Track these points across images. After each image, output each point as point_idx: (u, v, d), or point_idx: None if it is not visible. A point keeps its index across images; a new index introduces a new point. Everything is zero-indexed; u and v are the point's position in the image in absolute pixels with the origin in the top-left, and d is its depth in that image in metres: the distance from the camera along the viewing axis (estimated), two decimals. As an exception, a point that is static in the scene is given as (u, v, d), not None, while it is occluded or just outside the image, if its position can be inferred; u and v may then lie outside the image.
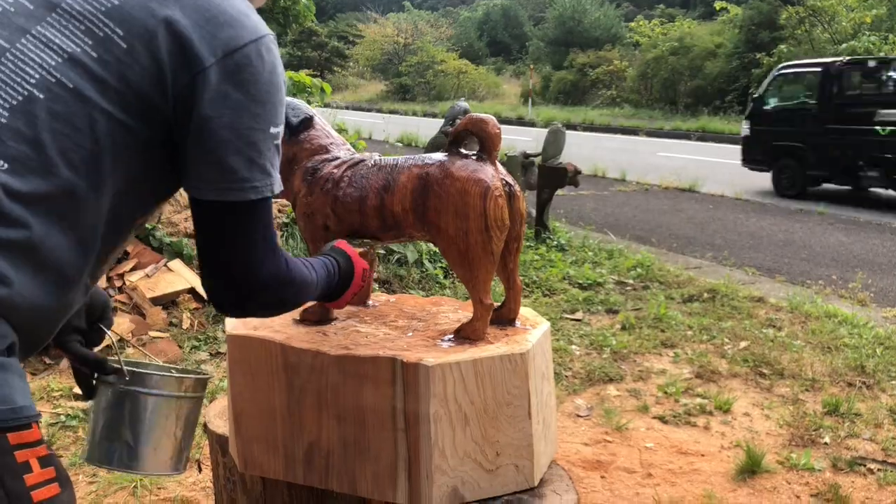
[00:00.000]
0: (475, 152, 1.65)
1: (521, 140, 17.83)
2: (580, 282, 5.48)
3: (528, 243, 6.23)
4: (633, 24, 29.61)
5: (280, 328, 1.74)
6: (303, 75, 6.05)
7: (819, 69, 10.47)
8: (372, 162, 1.72)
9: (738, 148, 11.62)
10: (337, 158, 1.75)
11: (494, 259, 1.62)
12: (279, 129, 1.15)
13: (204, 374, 1.51)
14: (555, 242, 6.47)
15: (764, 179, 10.80)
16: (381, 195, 1.65)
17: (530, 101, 26.11)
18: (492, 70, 37.96)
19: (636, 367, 3.92)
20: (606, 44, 31.23)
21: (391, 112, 29.94)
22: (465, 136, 1.67)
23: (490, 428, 1.59)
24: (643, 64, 25.60)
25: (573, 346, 4.14)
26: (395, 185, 1.65)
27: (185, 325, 4.14)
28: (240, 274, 1.17)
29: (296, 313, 1.81)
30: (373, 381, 1.56)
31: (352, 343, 1.65)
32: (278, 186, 1.16)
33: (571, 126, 21.87)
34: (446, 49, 37.36)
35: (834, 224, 8.43)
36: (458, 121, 7.78)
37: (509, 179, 1.66)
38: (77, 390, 3.51)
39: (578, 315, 4.79)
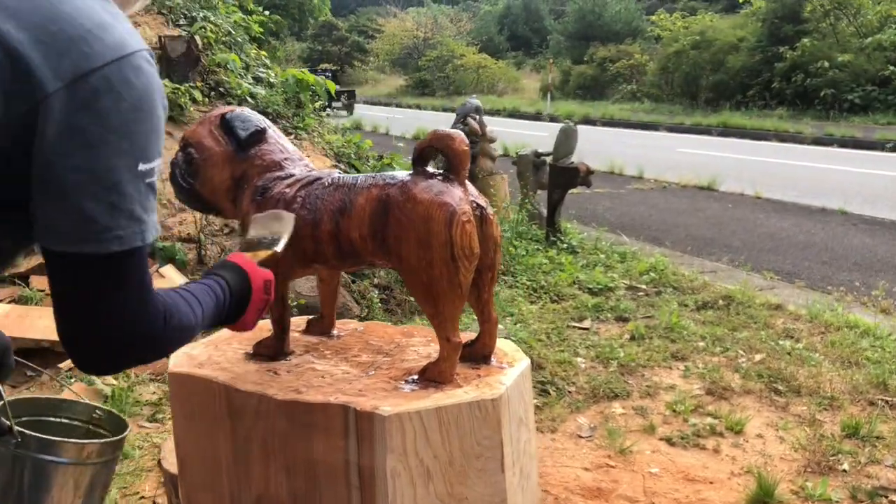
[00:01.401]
0: (441, 171, 1.47)
1: (538, 136, 17.62)
2: (590, 287, 5.28)
3: (536, 246, 6.03)
4: (654, 17, 29.21)
5: (228, 364, 1.57)
6: (306, 73, 5.88)
7: None
8: (329, 180, 1.54)
9: (759, 144, 11.32)
10: (291, 176, 1.58)
11: (462, 292, 1.44)
12: (153, 165, 0.97)
13: (112, 436, 1.35)
14: (565, 245, 6.26)
15: (784, 178, 10.50)
16: (337, 219, 1.48)
17: (549, 95, 25.81)
18: (511, 64, 37.66)
19: (644, 381, 3.72)
20: (627, 38, 30.88)
21: (410, 107, 29.81)
22: (430, 154, 1.49)
23: (457, 484, 1.41)
24: (664, 58, 25.21)
25: (579, 359, 3.95)
26: (353, 208, 1.47)
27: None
28: (105, 338, 0.99)
29: (249, 346, 1.64)
30: (323, 431, 1.39)
31: (304, 384, 1.47)
32: (153, 232, 0.98)
33: (591, 121, 21.61)
34: (466, 43, 37.12)
35: (857, 225, 8.15)
36: (469, 119, 7.61)
37: (481, 201, 1.48)
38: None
39: (586, 323, 4.59)
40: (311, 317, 1.78)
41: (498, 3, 49.14)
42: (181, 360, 1.59)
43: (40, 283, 3.95)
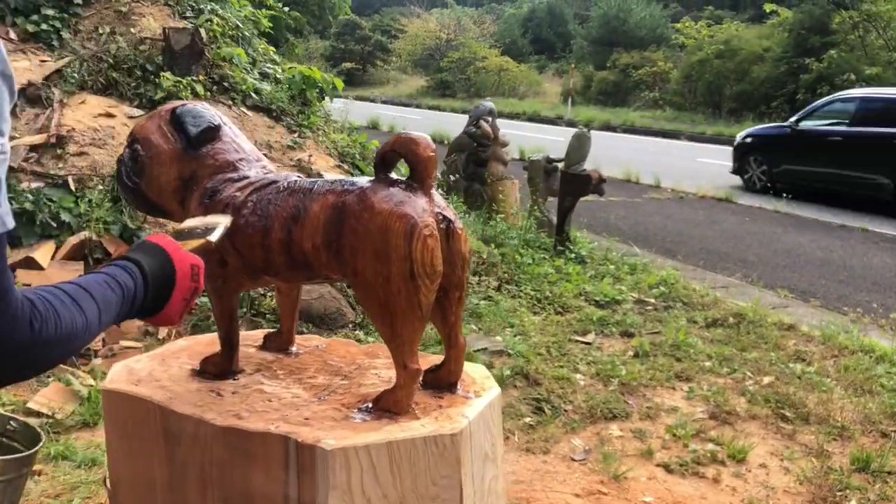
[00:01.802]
0: (405, 179, 1.33)
1: (557, 141, 17.43)
2: (597, 299, 5.12)
3: (543, 255, 5.87)
4: (679, 24, 28.89)
5: (169, 382, 1.43)
6: (315, 70, 5.76)
7: None
8: (284, 184, 1.40)
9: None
10: (244, 178, 1.44)
11: (423, 314, 1.29)
12: None
13: (26, 449, 1.21)
14: (574, 254, 6.10)
15: (805, 193, 10.25)
16: (289, 227, 1.34)
17: (570, 100, 25.60)
18: (534, 68, 37.43)
19: (645, 402, 3.56)
20: (651, 44, 30.56)
21: (430, 108, 29.70)
22: (392, 159, 1.34)
23: (408, 527, 1.27)
24: (688, 66, 24.92)
25: (578, 375, 3.79)
26: (307, 216, 1.33)
27: (162, 334, 3.87)
28: None
29: (196, 361, 1.50)
30: (263, 462, 1.25)
31: (247, 409, 1.33)
32: (4, 221, 0.84)
33: (611, 127, 21.41)
34: (489, 46, 36.93)
35: (878, 243, 7.92)
36: (481, 121, 7.47)
37: (448, 213, 1.34)
38: (33, 405, 3.27)
39: (590, 338, 4.43)
40: (269, 331, 1.65)
41: (522, 6, 48.94)
42: (119, 373, 1.46)
43: (26, 276, 3.84)
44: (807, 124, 11.06)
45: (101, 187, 4.29)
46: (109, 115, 4.78)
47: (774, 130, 12.26)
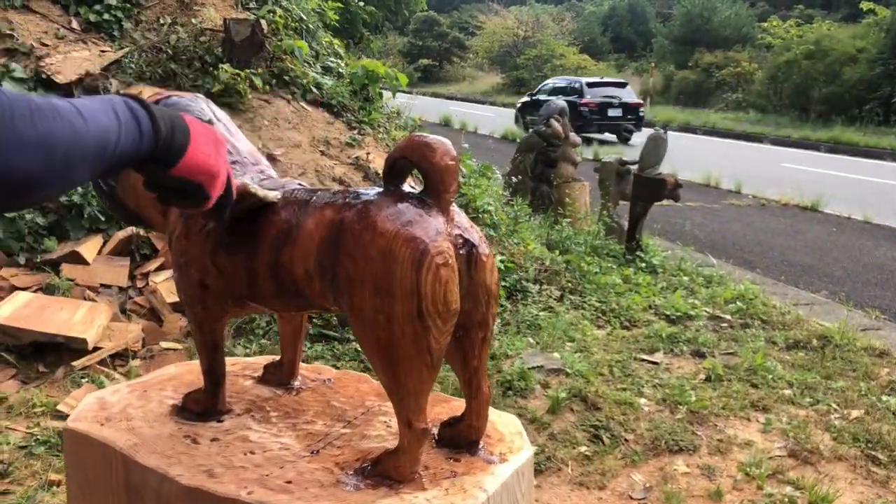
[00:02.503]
0: (419, 192, 1.08)
1: (634, 141, 16.96)
2: (667, 313, 4.77)
3: (611, 263, 5.54)
4: (766, 24, 27.86)
5: (141, 423, 1.22)
6: (378, 64, 5.56)
7: None
8: (280, 193, 1.17)
9: (873, 163, 10.44)
10: (236, 185, 1.21)
11: (432, 361, 1.04)
12: None
13: None
14: (645, 263, 5.75)
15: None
16: (278, 246, 1.11)
17: (649, 100, 24.93)
18: (612, 66, 36.71)
19: (716, 434, 3.22)
20: (735, 44, 29.57)
21: (504, 105, 29.37)
22: (404, 167, 1.09)
23: None
24: (774, 67, 23.95)
25: (642, 400, 3.47)
26: (299, 234, 1.09)
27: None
28: None
29: (179, 394, 1.29)
30: (231, 535, 1.02)
31: (222, 463, 1.11)
32: None
33: (690, 129, 20.73)
34: (567, 43, 36.38)
35: (982, 260, 7.30)
36: (552, 120, 7.16)
37: (470, 235, 1.08)
38: (63, 407, 3.15)
39: (657, 356, 4.10)
40: (271, 360, 1.42)
41: (603, 3, 48.14)
42: (88, 408, 1.26)
43: (70, 271, 3.75)
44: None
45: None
46: (166, 108, 4.66)
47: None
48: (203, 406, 1.24)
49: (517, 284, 4.66)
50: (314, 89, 5.24)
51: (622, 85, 19.27)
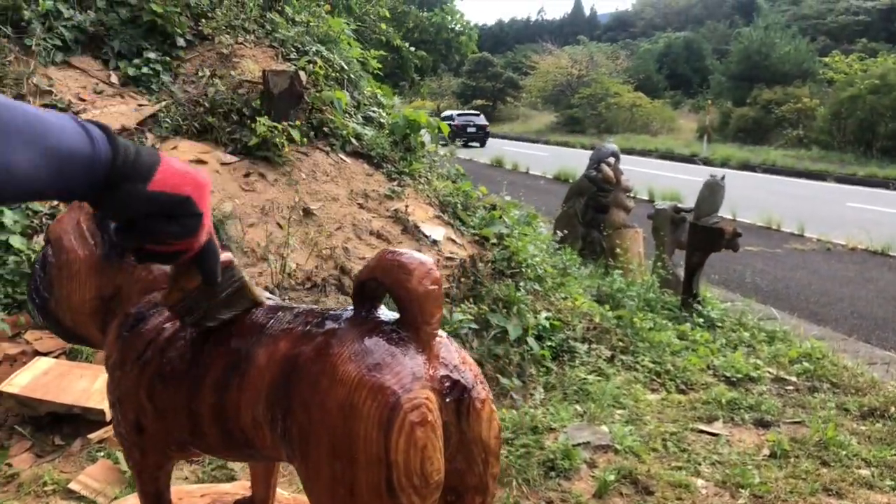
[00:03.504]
0: (394, 321, 0.85)
1: (691, 182, 16.59)
2: (727, 374, 4.44)
3: (664, 320, 5.22)
4: (827, 58, 27.21)
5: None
6: (421, 114, 5.41)
7: None
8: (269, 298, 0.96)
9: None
10: (185, 300, 1.00)
11: (409, 546, 0.80)
12: None
13: None
14: (703, 318, 5.42)
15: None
16: (224, 386, 0.89)
17: (706, 138, 24.45)
18: (668, 104, 36.33)
19: (783, 524, 2.89)
20: (795, 79, 28.90)
21: (558, 144, 29.18)
22: (376, 290, 0.87)
23: None
24: (837, 102, 23.27)
25: (699, 481, 3.16)
26: (248, 370, 0.88)
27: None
28: None
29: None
30: None
31: None
32: None
33: (750, 167, 20.20)
34: (622, 81, 36.15)
35: None
36: (602, 164, 6.91)
37: (461, 376, 0.85)
38: (75, 485, 2.98)
39: (717, 426, 3.77)
40: (241, 494, 1.20)
41: (658, 41, 47.84)
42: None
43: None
44: None
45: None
46: (201, 161, 4.57)
47: None
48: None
49: (564, 344, 4.38)
50: (354, 140, 5.10)
51: (476, 114, 30.10)
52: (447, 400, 0.83)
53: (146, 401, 0.96)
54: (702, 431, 3.70)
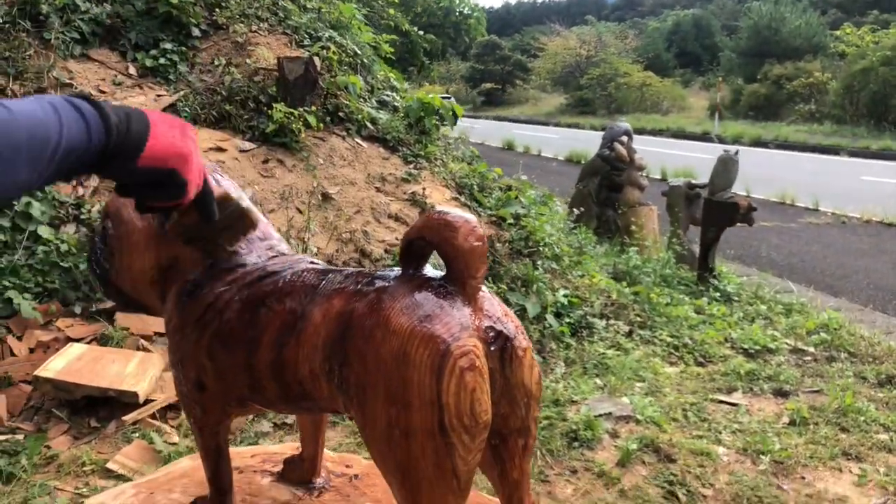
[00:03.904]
0: (441, 277, 0.92)
1: (704, 159, 16.52)
2: (745, 347, 4.49)
3: (681, 294, 5.26)
4: (839, 31, 26.97)
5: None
6: (435, 97, 5.45)
7: None
8: (288, 276, 1.03)
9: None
10: (239, 267, 1.07)
11: (460, 485, 0.87)
12: None
13: None
14: (719, 292, 5.46)
15: None
16: (281, 342, 0.96)
17: (717, 115, 24.33)
18: (678, 82, 36.12)
19: (804, 488, 2.95)
20: (807, 54, 28.68)
21: (569, 126, 29.11)
22: (421, 248, 0.93)
23: None
24: (849, 76, 23.09)
25: (720, 449, 3.21)
26: (304, 328, 0.94)
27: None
28: None
29: (192, 495, 1.14)
30: None
31: None
32: None
33: (762, 143, 20.10)
34: (631, 61, 35.95)
35: None
36: (616, 143, 6.93)
37: (504, 326, 0.91)
38: (113, 465, 3.07)
39: (736, 397, 3.83)
40: (290, 454, 1.27)
41: (667, 19, 47.51)
42: (89, 516, 1.13)
43: (125, 320, 3.70)
44: None
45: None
46: (220, 149, 4.64)
47: None
48: (214, 514, 1.10)
49: (582, 320, 4.44)
50: (369, 124, 5.15)
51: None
52: (492, 348, 0.89)
53: (207, 360, 1.03)
54: (721, 402, 3.76)
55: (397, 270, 0.96)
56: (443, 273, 0.92)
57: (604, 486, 2.90)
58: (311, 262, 1.08)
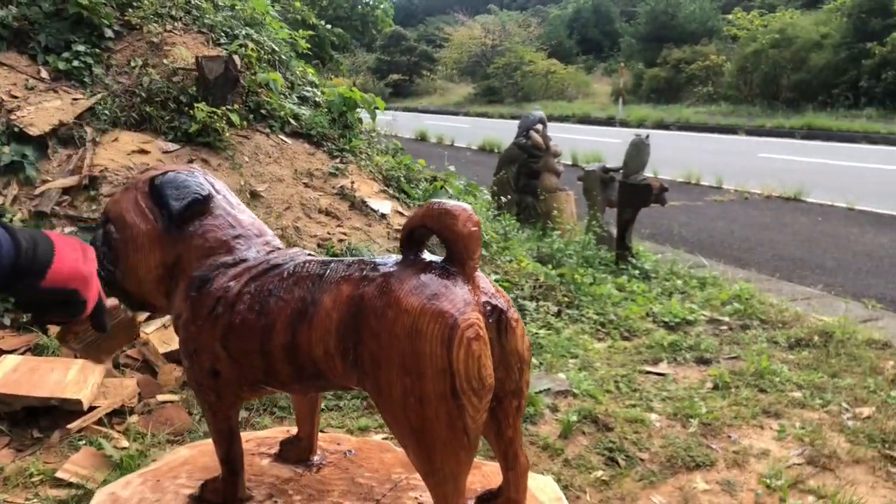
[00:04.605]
0: (440, 262, 1.02)
1: (611, 143, 17.02)
2: (666, 320, 4.74)
3: (603, 274, 5.50)
4: (730, 16, 28.12)
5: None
6: (355, 91, 5.50)
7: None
8: (291, 268, 1.11)
9: (848, 147, 10.52)
10: (242, 262, 1.15)
11: (470, 441, 0.98)
12: None
13: None
14: (637, 270, 5.72)
15: (878, 186, 9.67)
16: (294, 327, 1.05)
17: (621, 100, 25.06)
18: (581, 69, 36.93)
19: (731, 446, 3.18)
20: (702, 38, 29.81)
21: (478, 115, 29.43)
22: (422, 234, 1.04)
23: None
24: (742, 58, 24.17)
25: (653, 415, 3.42)
26: (315, 313, 1.03)
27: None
28: None
29: (198, 480, 1.21)
30: None
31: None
32: None
33: (665, 126, 20.83)
34: (535, 49, 36.55)
35: (968, 239, 7.33)
36: (531, 132, 7.13)
37: (498, 301, 1.03)
38: (62, 474, 3.05)
39: (662, 367, 4.06)
40: (285, 436, 1.36)
41: (567, 6, 48.43)
42: (102, 501, 1.18)
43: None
44: None
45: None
46: (143, 152, 4.59)
47: None
48: (222, 496, 1.17)
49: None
50: (292, 121, 5.18)
51: None
52: (489, 320, 1.00)
53: (221, 349, 1.10)
54: (649, 372, 3.98)
55: (395, 257, 1.06)
56: (437, 257, 1.03)
57: (549, 458, 3.06)
58: (309, 255, 1.16)
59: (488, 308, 1.00)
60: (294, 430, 1.41)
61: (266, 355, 1.07)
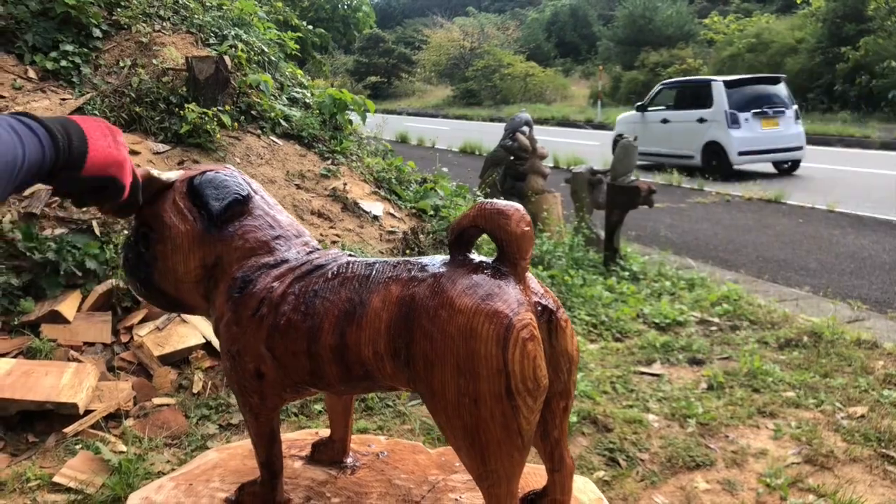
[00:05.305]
0: (491, 261, 1.02)
1: (589, 145, 17.11)
2: (657, 321, 4.77)
3: (593, 276, 5.53)
4: (707, 20, 28.40)
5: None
6: (345, 92, 5.49)
7: None
8: (335, 269, 1.10)
9: (823, 150, 10.67)
10: (282, 263, 1.14)
11: (524, 442, 0.98)
12: None
13: None
14: (626, 271, 5.75)
15: (855, 188, 9.79)
16: (342, 328, 1.04)
17: (599, 103, 25.20)
18: (560, 72, 37.08)
19: (729, 445, 3.20)
20: (679, 42, 30.05)
21: (457, 118, 29.45)
22: (472, 235, 1.04)
23: None
24: (718, 62, 24.41)
25: (650, 416, 3.45)
26: (364, 313, 1.03)
27: (197, 388, 3.60)
28: None
29: (231, 483, 1.20)
30: None
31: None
32: None
33: (643, 129, 20.94)
34: (513, 52, 36.66)
35: (946, 241, 7.45)
36: (518, 134, 7.14)
37: (548, 301, 1.02)
38: (60, 479, 3.01)
39: (656, 367, 4.08)
40: (318, 438, 1.35)
41: (545, 9, 48.60)
42: (137, 509, 1.17)
43: (51, 331, 3.60)
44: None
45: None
46: (134, 152, 4.54)
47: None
48: (261, 500, 1.16)
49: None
50: (283, 122, 5.15)
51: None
52: (540, 321, 1.00)
53: (265, 351, 1.09)
54: (643, 373, 4.00)
55: (441, 257, 1.05)
56: (486, 258, 1.03)
57: (550, 459, 3.06)
58: (350, 255, 1.15)
59: (539, 308, 1.00)
60: (321, 431, 1.40)
61: (313, 357, 1.06)
